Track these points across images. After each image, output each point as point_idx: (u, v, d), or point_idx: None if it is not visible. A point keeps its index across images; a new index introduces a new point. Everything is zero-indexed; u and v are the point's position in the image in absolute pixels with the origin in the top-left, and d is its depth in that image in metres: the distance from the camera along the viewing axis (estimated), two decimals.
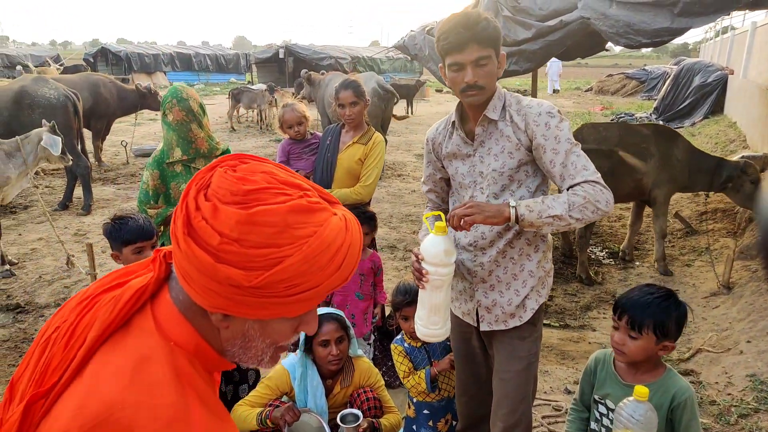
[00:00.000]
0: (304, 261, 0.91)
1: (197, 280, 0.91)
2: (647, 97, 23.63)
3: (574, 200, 1.99)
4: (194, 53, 35.91)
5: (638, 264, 6.03)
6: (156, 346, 0.94)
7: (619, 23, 4.26)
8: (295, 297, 0.93)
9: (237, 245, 0.88)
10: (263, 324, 0.98)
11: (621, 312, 1.97)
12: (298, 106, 3.76)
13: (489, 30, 2.01)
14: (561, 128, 2.09)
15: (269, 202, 0.90)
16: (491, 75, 2.09)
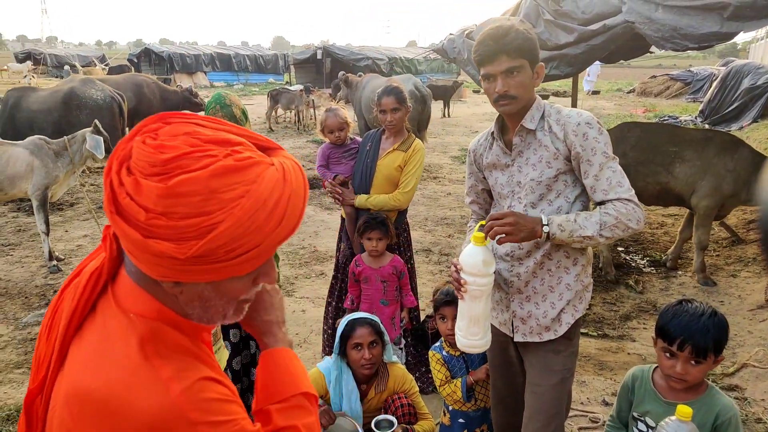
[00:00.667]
0: (238, 224, 0.87)
1: (137, 255, 0.89)
2: (692, 99, 23.01)
3: (606, 220, 2.02)
4: (234, 54, 36.44)
5: (681, 273, 5.88)
6: (116, 323, 0.95)
7: (664, 27, 4.15)
8: (238, 259, 0.90)
9: (164, 219, 0.84)
10: (216, 285, 0.96)
11: (682, 343, 1.88)
12: (340, 112, 3.76)
13: (518, 41, 2.03)
14: (599, 140, 2.08)
15: (190, 170, 0.85)
16: (523, 85, 2.10)
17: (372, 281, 3.52)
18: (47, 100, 8.21)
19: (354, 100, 11.57)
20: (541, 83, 2.21)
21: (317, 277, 5.79)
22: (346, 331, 2.85)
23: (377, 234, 3.44)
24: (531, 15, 5.00)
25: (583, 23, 4.65)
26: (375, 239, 3.44)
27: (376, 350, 2.83)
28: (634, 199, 2.05)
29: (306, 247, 6.68)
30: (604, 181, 2.07)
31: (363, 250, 3.58)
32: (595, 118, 2.14)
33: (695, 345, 1.86)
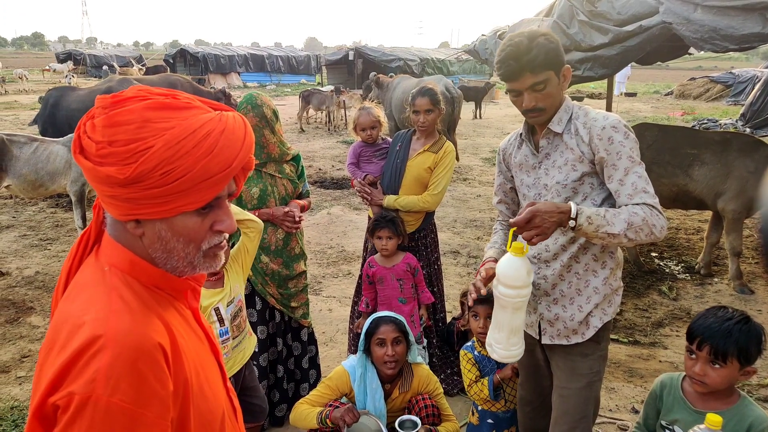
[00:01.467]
0: (167, 147, 0.99)
1: (100, 192, 1.03)
2: (733, 102, 22.46)
3: (634, 220, 1.96)
4: (267, 54, 36.82)
5: (717, 280, 5.72)
6: (91, 273, 1.07)
7: (703, 28, 4.04)
8: (174, 184, 1.00)
9: (109, 147, 0.98)
10: (170, 223, 1.06)
11: (700, 342, 1.86)
12: (373, 110, 3.74)
13: (540, 57, 1.99)
14: (624, 144, 2.04)
15: (129, 104, 1.01)
16: (550, 96, 2.08)
17: (387, 281, 3.51)
18: (86, 99, 8.43)
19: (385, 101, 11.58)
20: (569, 84, 2.18)
21: (344, 276, 5.80)
22: (371, 328, 2.85)
23: (387, 233, 3.43)
24: (565, 15, 4.93)
25: (619, 24, 4.57)
26: (385, 238, 3.43)
27: (400, 348, 2.82)
28: (658, 207, 2.00)
29: (334, 247, 6.70)
30: (629, 186, 2.03)
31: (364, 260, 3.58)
32: (623, 121, 2.09)
33: (714, 346, 1.83)
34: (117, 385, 0.93)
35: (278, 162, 3.26)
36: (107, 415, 0.92)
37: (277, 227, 3.25)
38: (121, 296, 1.03)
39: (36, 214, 7.89)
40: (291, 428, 3.41)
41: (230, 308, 2.72)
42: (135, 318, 1.01)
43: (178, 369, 1.05)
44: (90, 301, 1.02)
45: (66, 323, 1.00)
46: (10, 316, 4.85)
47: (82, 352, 0.95)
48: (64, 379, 0.94)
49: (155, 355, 0.99)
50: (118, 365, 0.94)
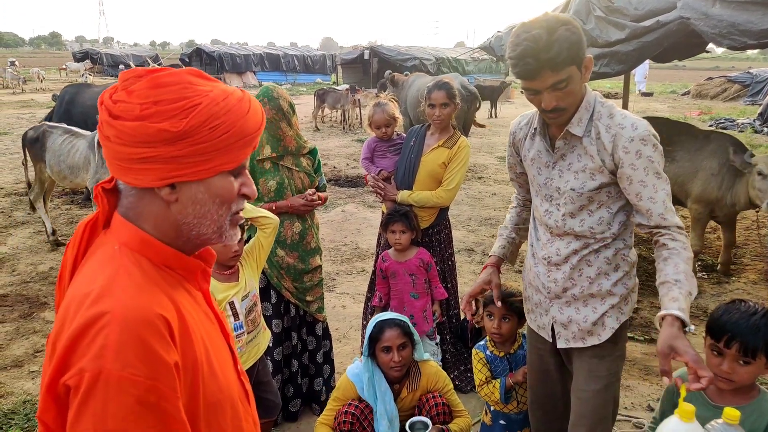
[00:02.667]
0: (214, 103, 1.06)
1: (135, 158, 1.04)
2: (751, 102, 22.19)
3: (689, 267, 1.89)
4: (283, 54, 36.97)
5: (734, 279, 5.66)
6: (101, 252, 1.09)
7: (722, 23, 3.99)
8: (220, 139, 1.06)
9: (155, 106, 1.02)
10: (208, 184, 1.10)
11: (729, 340, 1.82)
12: (388, 107, 3.70)
13: (563, 53, 1.78)
14: (652, 159, 1.93)
15: (170, 70, 1.08)
16: (572, 93, 1.91)
17: (400, 275, 3.51)
18: None
19: (400, 99, 11.56)
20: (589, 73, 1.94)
21: (358, 273, 5.81)
22: (375, 334, 2.80)
23: (400, 227, 3.41)
24: (581, 11, 4.89)
25: (636, 20, 4.52)
26: (398, 232, 3.42)
27: (406, 352, 2.79)
28: (681, 224, 1.96)
29: (348, 245, 6.71)
30: (660, 205, 1.93)
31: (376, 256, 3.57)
32: (651, 129, 1.94)
33: (743, 342, 1.79)
34: (126, 358, 0.94)
35: (295, 155, 3.27)
36: (119, 389, 0.93)
37: (293, 221, 3.26)
38: (129, 273, 1.05)
39: (51, 210, 7.97)
40: (305, 423, 3.42)
41: (245, 302, 2.73)
42: (139, 292, 1.03)
43: (186, 346, 1.06)
44: (96, 278, 1.04)
45: (74, 301, 1.02)
46: (23, 311, 4.91)
47: (88, 328, 0.96)
48: (72, 356, 0.95)
49: (158, 327, 1.00)
50: (125, 338, 0.95)
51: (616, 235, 2.11)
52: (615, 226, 2.10)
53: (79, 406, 0.93)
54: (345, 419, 2.77)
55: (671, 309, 1.77)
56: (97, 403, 0.92)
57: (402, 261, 3.50)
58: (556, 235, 2.18)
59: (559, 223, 2.15)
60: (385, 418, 2.76)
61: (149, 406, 0.95)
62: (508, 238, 2.54)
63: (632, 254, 2.19)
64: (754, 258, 6.20)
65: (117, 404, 0.93)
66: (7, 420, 3.45)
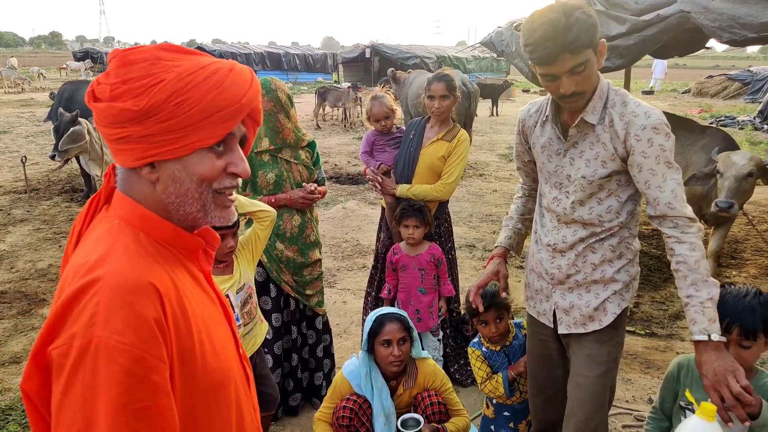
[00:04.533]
0: (178, 79, 1.03)
1: (113, 138, 1.05)
2: (751, 100, 22.20)
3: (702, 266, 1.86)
4: (284, 53, 36.93)
5: (735, 273, 5.66)
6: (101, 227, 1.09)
7: (722, 17, 3.99)
8: (186, 115, 1.03)
9: (123, 85, 1.02)
10: (185, 162, 1.07)
11: (728, 325, 1.81)
12: (386, 100, 3.68)
13: (582, 35, 1.78)
14: (665, 148, 1.92)
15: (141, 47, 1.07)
16: (590, 77, 1.91)
17: (409, 269, 3.49)
18: None
19: (401, 96, 11.57)
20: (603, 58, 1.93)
21: (359, 269, 5.81)
22: (375, 328, 2.77)
23: (414, 221, 3.39)
24: None
25: (636, 13, 4.52)
26: (412, 227, 3.40)
27: (405, 347, 2.76)
28: (692, 214, 1.92)
29: (349, 241, 6.71)
30: (668, 194, 1.91)
31: (402, 239, 3.55)
32: (664, 118, 1.93)
33: (743, 325, 1.79)
34: (114, 325, 0.93)
35: (294, 148, 3.26)
36: (109, 357, 0.92)
37: (292, 214, 3.25)
38: (125, 245, 1.05)
39: (50, 208, 7.98)
40: (305, 417, 3.42)
41: (240, 295, 2.73)
42: (133, 262, 1.02)
43: (183, 321, 1.04)
44: (93, 249, 1.04)
45: (71, 271, 1.02)
46: (22, 308, 4.91)
47: (80, 295, 0.95)
48: (64, 324, 0.94)
49: (149, 295, 0.99)
50: (114, 305, 0.94)
51: (623, 224, 2.11)
52: (623, 215, 2.10)
53: (67, 377, 0.91)
54: (343, 414, 2.76)
55: (694, 335, 1.81)
56: (86, 372, 0.91)
57: (413, 255, 3.49)
58: (564, 223, 2.19)
59: (568, 210, 2.15)
60: (382, 415, 2.74)
61: (138, 378, 0.94)
62: (514, 228, 2.54)
63: (636, 243, 2.20)
64: (754, 253, 6.19)
65: (106, 374, 0.91)
66: (5, 416, 3.46)
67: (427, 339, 3.59)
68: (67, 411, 0.91)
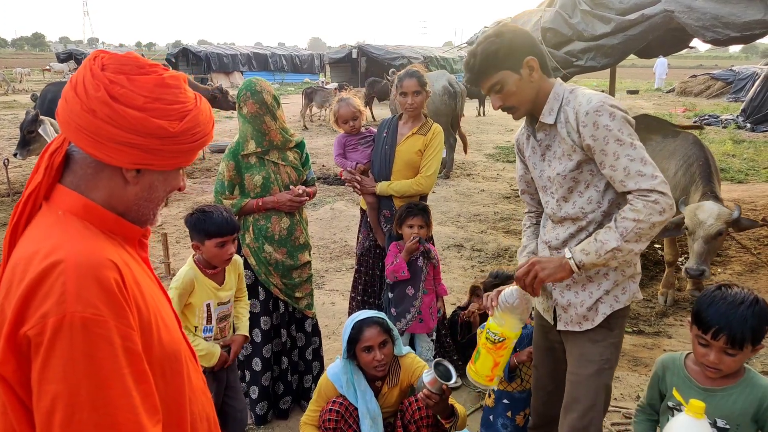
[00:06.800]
0: (200, 113, 1.20)
1: (120, 140, 1.11)
2: (734, 99, 22.47)
3: (626, 225, 1.92)
4: (270, 53, 36.83)
5: (720, 270, 5.72)
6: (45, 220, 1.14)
7: (705, 16, 4.03)
8: (194, 144, 1.20)
9: (158, 103, 1.13)
10: (166, 175, 1.23)
11: (716, 332, 1.78)
12: (352, 101, 3.68)
13: (480, 63, 2.05)
14: (610, 127, 1.94)
15: (168, 71, 1.19)
16: (513, 93, 2.08)
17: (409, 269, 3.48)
18: None
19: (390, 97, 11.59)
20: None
21: (347, 270, 5.80)
22: (354, 335, 2.74)
23: (419, 221, 3.35)
24: (567, 5, 4.92)
25: (621, 13, 4.56)
26: (416, 226, 3.35)
27: (387, 349, 2.74)
28: (657, 188, 1.89)
29: (337, 242, 6.70)
30: (621, 171, 1.95)
31: (389, 240, 3.53)
32: (609, 100, 1.98)
33: (731, 335, 1.76)
34: (87, 299, 0.99)
35: (281, 149, 3.23)
36: (85, 330, 0.98)
37: (281, 216, 3.23)
38: (77, 230, 1.12)
39: None
40: (294, 420, 3.40)
41: (221, 308, 2.74)
42: (89, 243, 1.10)
43: (137, 295, 1.11)
44: (45, 237, 1.09)
45: (21, 260, 1.06)
46: None
47: (44, 278, 1.00)
48: (30, 305, 0.98)
49: (111, 269, 1.06)
50: (83, 282, 1.00)
51: (606, 212, 2.14)
52: (605, 204, 2.13)
53: (45, 352, 0.96)
54: (330, 417, 2.74)
55: (566, 252, 2.06)
56: (63, 346, 0.96)
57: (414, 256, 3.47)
58: (557, 222, 2.26)
59: (555, 209, 2.23)
60: (367, 417, 2.72)
61: (115, 345, 1.00)
62: (528, 255, 2.49)
63: None
64: (739, 250, 6.26)
65: (84, 345, 0.97)
66: None
67: (422, 339, 3.59)
68: (48, 383, 0.96)
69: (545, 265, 2.04)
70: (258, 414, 3.34)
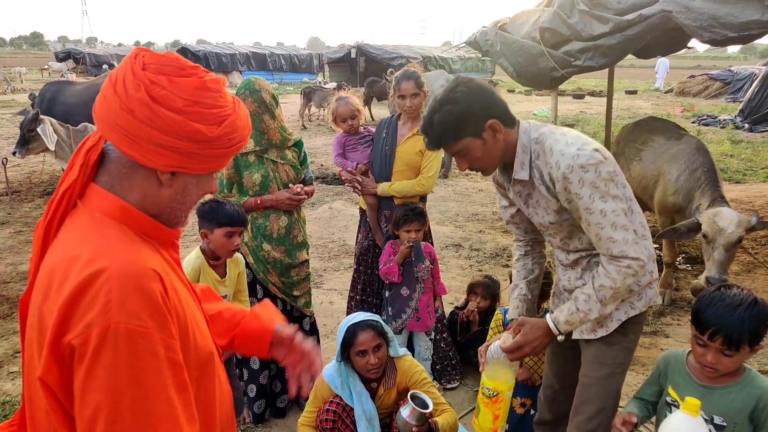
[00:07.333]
0: (238, 118, 1.18)
1: (157, 142, 1.10)
2: (732, 99, 22.48)
3: (604, 294, 1.97)
4: (269, 53, 36.76)
5: None
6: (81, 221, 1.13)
7: (703, 16, 4.03)
8: (230, 149, 1.19)
9: (198, 106, 1.12)
10: (199, 179, 1.22)
11: (713, 334, 1.79)
12: (351, 100, 3.67)
13: (447, 132, 1.97)
14: (580, 195, 1.92)
15: (209, 74, 1.17)
16: (478, 157, 2.03)
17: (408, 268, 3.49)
18: (83, 93, 8.30)
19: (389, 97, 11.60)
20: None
21: (346, 270, 5.80)
22: (348, 338, 2.74)
23: (416, 226, 3.39)
24: (565, 5, 4.91)
25: (619, 13, 4.55)
26: (414, 231, 3.38)
27: (381, 353, 2.75)
28: (628, 253, 1.91)
29: (335, 241, 6.70)
30: (593, 237, 1.97)
31: (387, 239, 3.54)
32: (581, 156, 1.89)
33: (727, 337, 1.77)
34: (131, 310, 0.99)
35: (280, 148, 3.24)
36: (129, 341, 0.98)
37: (279, 215, 3.24)
38: (116, 236, 1.10)
39: (32, 210, 7.87)
40: (292, 419, 3.40)
41: None
42: (131, 251, 1.09)
43: (176, 302, 1.11)
44: (84, 242, 1.07)
45: (60, 265, 1.04)
46: (3, 312, 4.83)
47: (87, 286, 0.99)
48: (74, 314, 0.98)
49: (154, 280, 1.06)
50: (127, 292, 1.00)
51: None
52: None
53: (89, 362, 0.97)
54: (326, 417, 2.74)
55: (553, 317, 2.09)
56: (107, 356, 0.97)
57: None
58: (567, 267, 2.29)
59: (561, 244, 2.24)
60: (363, 419, 2.73)
61: (158, 356, 1.01)
62: (519, 297, 2.48)
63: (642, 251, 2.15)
64: None
65: (128, 356, 0.98)
66: None
67: (420, 338, 3.59)
68: (92, 393, 0.97)
69: (532, 344, 2.10)
70: (255, 412, 3.34)
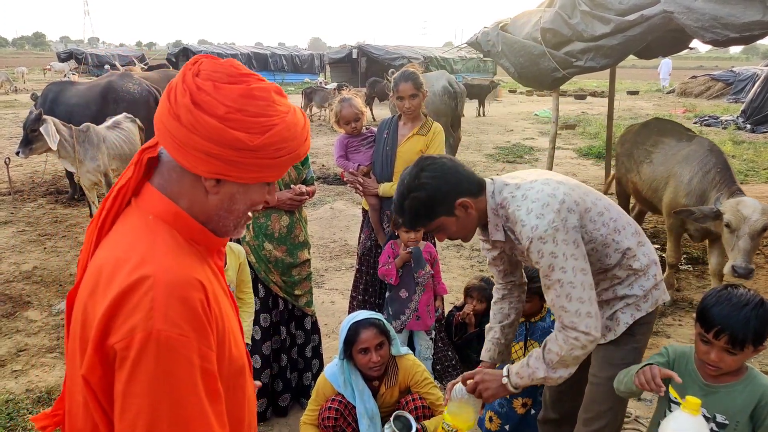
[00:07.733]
0: (286, 128, 1.14)
1: (200, 148, 1.09)
2: (734, 100, 22.48)
3: (551, 358, 2.00)
4: (270, 53, 36.78)
5: None
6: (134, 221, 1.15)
7: (705, 17, 4.05)
8: (278, 160, 1.15)
9: (240, 114, 1.09)
10: (247, 188, 1.19)
11: (718, 332, 1.80)
12: (355, 102, 3.65)
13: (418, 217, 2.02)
14: (540, 264, 1.96)
15: (260, 81, 1.15)
16: (455, 231, 2.08)
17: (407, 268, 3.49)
18: (86, 94, 8.27)
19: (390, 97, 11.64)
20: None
21: (347, 269, 5.81)
22: (350, 336, 2.75)
23: None
24: (567, 5, 4.93)
25: (620, 13, 4.57)
26: (412, 230, 3.35)
27: (384, 351, 2.76)
28: (578, 326, 1.93)
29: (337, 241, 6.71)
30: (549, 301, 2.01)
31: (389, 239, 3.54)
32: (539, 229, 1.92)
33: (732, 336, 1.77)
34: (173, 319, 1.01)
35: None
36: (169, 348, 1.00)
37: (281, 215, 3.25)
38: (165, 242, 1.12)
39: (35, 210, 7.89)
40: (294, 418, 3.41)
41: None
42: (178, 259, 1.10)
43: (217, 312, 1.12)
44: (134, 245, 1.09)
45: (108, 264, 1.06)
46: (6, 311, 4.85)
47: (132, 291, 1.01)
48: (117, 317, 1.01)
49: (197, 290, 1.07)
50: (171, 301, 1.02)
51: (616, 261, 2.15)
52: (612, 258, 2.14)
53: (131, 366, 0.99)
54: (329, 415, 2.76)
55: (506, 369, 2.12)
56: (149, 363, 0.99)
57: None
58: None
59: None
60: (365, 417, 2.74)
61: (195, 366, 1.03)
62: (492, 340, 2.49)
63: (644, 259, 2.18)
64: None
65: (167, 363, 0.99)
66: None
67: (421, 337, 3.60)
68: (132, 397, 0.99)
69: (489, 385, 2.12)
70: (257, 411, 3.35)
